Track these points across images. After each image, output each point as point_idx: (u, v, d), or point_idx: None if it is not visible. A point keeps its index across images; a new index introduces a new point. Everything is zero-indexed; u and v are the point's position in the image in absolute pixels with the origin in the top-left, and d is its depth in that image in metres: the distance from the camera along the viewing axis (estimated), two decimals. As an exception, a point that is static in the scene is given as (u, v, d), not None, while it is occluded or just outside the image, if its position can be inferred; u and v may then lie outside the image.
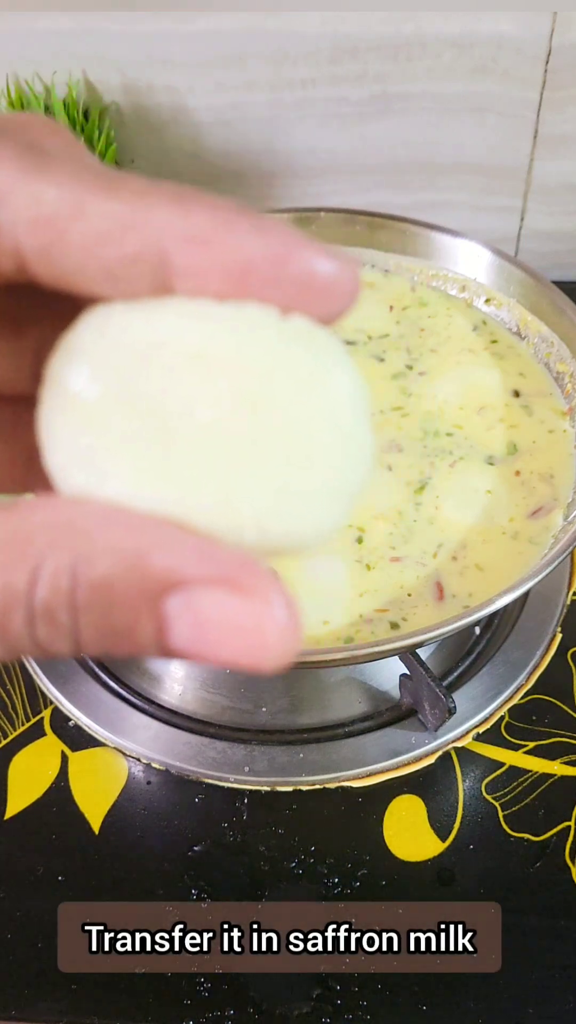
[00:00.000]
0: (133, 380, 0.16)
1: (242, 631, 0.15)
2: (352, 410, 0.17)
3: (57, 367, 0.17)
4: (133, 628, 0.15)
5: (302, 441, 0.16)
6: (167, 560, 0.15)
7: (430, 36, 0.66)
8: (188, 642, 0.15)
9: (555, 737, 0.50)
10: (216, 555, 0.15)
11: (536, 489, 0.51)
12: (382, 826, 0.47)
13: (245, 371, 0.16)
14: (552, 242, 0.77)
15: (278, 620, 0.15)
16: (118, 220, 0.15)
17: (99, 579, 0.15)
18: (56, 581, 0.15)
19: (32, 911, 0.45)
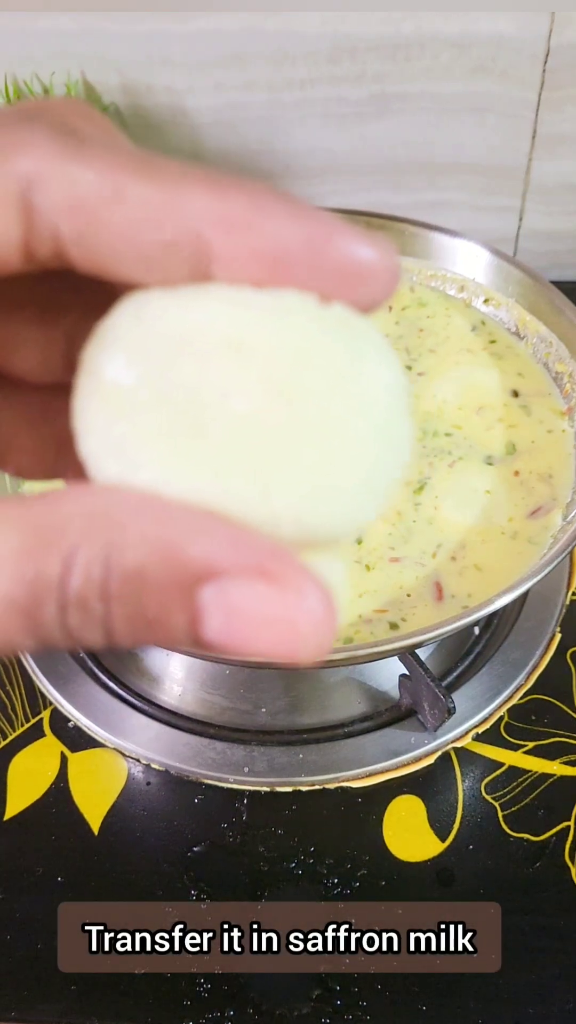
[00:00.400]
0: (168, 368, 0.16)
1: (276, 623, 0.15)
2: (390, 401, 0.16)
3: (92, 354, 0.17)
4: (166, 618, 0.15)
5: (339, 433, 0.16)
6: (201, 550, 0.15)
7: (429, 36, 0.66)
8: (221, 633, 0.15)
9: (554, 737, 0.50)
10: (250, 545, 0.15)
11: (535, 489, 0.51)
12: (382, 826, 0.47)
13: (282, 360, 0.16)
14: (551, 242, 0.77)
15: (312, 612, 0.15)
16: (156, 205, 0.15)
17: (132, 568, 0.15)
18: (89, 570, 0.15)
19: (31, 912, 0.45)
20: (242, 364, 0.16)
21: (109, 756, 0.50)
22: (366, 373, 0.16)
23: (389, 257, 0.16)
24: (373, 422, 0.16)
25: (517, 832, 0.47)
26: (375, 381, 0.16)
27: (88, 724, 0.51)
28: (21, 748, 0.50)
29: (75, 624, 0.15)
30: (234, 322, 0.16)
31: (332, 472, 0.16)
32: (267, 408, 0.15)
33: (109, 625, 0.15)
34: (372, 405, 0.16)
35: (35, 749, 0.50)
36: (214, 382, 0.16)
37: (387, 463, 0.16)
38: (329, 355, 0.16)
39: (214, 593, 0.15)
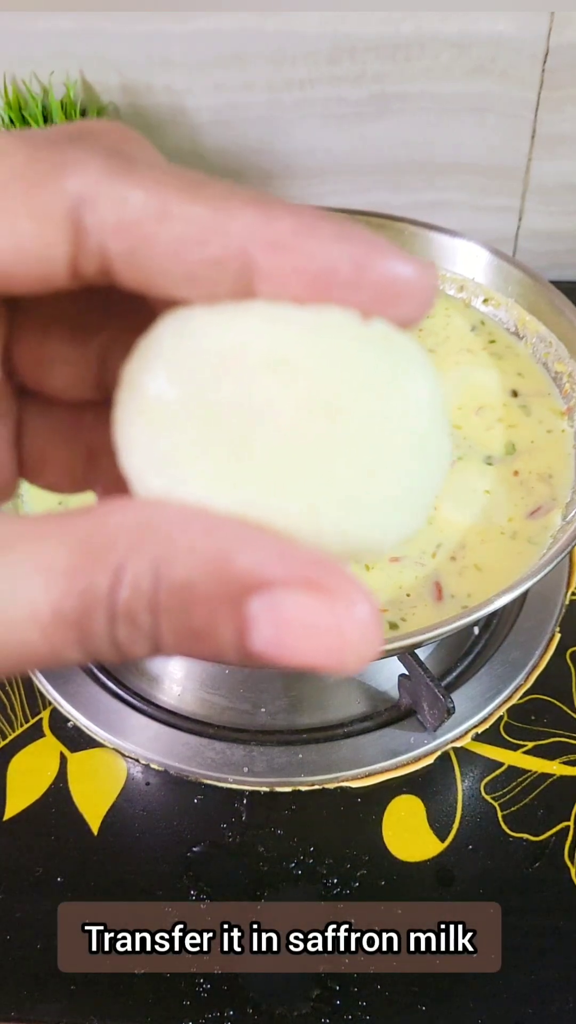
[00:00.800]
0: (212, 384, 0.16)
1: (324, 633, 0.15)
2: (431, 416, 0.17)
3: (134, 369, 0.17)
4: (214, 630, 0.15)
5: (381, 448, 0.16)
6: (249, 561, 0.15)
7: (428, 36, 0.66)
8: (269, 644, 0.15)
9: (554, 737, 0.50)
10: (298, 556, 0.15)
11: (535, 489, 0.51)
12: (381, 826, 0.47)
13: (324, 377, 0.16)
14: (550, 242, 0.77)
15: (360, 621, 0.15)
16: (203, 224, 0.15)
17: (181, 580, 0.15)
18: (138, 582, 0.15)
19: (31, 912, 0.45)
20: (285, 381, 0.16)
21: (108, 756, 0.50)
22: (406, 389, 0.16)
23: (429, 275, 0.16)
24: (414, 437, 0.16)
25: (517, 832, 0.47)
26: (415, 396, 0.16)
27: (87, 724, 0.51)
28: (20, 748, 0.50)
29: (124, 637, 0.15)
30: (276, 339, 0.16)
31: (375, 486, 0.16)
32: (310, 424, 0.16)
33: (157, 637, 0.15)
34: (413, 420, 0.16)
35: (34, 749, 0.50)
36: (257, 399, 0.16)
37: (428, 476, 0.17)
38: (370, 371, 0.16)
39: (263, 605, 0.15)
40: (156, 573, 0.15)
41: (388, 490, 0.16)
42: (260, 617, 0.15)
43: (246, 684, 0.52)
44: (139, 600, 0.15)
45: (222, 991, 0.42)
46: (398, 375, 0.16)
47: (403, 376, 0.16)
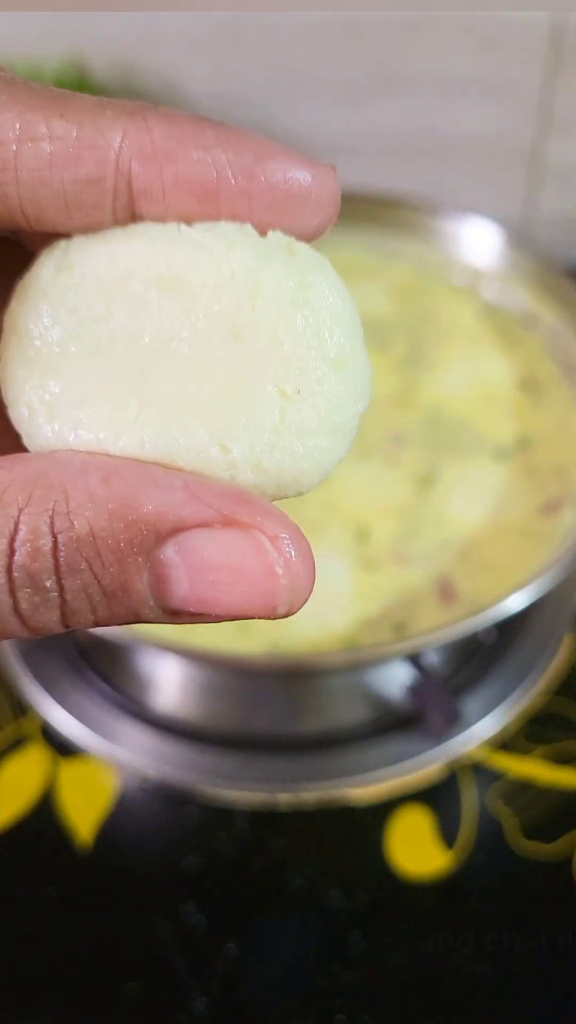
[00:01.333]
0: (100, 316, 0.15)
1: (248, 572, 0.14)
2: (344, 332, 0.15)
3: (14, 312, 0.16)
4: (127, 586, 0.14)
5: (292, 370, 0.15)
6: (156, 504, 0.14)
7: (434, 14, 0.65)
8: (189, 593, 0.14)
9: (565, 743, 0.48)
10: (211, 493, 0.14)
11: (547, 484, 0.49)
12: (386, 837, 0.46)
13: (224, 296, 0.14)
14: (560, 227, 0.76)
15: (286, 555, 0.14)
16: (72, 140, 0.14)
17: (83, 534, 0.13)
18: (36, 543, 0.13)
19: (19, 929, 0.43)
20: (182, 304, 0.15)
21: (101, 765, 0.48)
22: (314, 302, 0.15)
23: (328, 178, 0.15)
24: (328, 354, 0.15)
25: (527, 840, 0.45)
26: (325, 311, 0.15)
27: (79, 731, 0.49)
28: (7, 756, 0.49)
29: (27, 606, 0.14)
30: (169, 260, 0.15)
31: (291, 412, 0.15)
32: (212, 348, 0.15)
33: (65, 603, 0.14)
34: (325, 338, 0.15)
35: (22, 757, 0.49)
36: (152, 325, 0.15)
37: (348, 395, 0.15)
38: (273, 286, 0.15)
39: (177, 549, 0.13)
40: (54, 529, 0.13)
41: (306, 414, 0.15)
42: (175, 564, 0.13)
43: (245, 690, 0.50)
44: (39, 562, 0.13)
45: (220, 1008, 0.41)
46: (304, 288, 0.15)
47: (310, 289, 0.15)
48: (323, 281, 0.15)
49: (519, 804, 0.47)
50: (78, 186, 0.14)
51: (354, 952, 0.42)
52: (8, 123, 0.14)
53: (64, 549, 0.13)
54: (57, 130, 0.14)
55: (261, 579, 0.14)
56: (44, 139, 0.14)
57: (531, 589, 0.42)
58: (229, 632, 0.45)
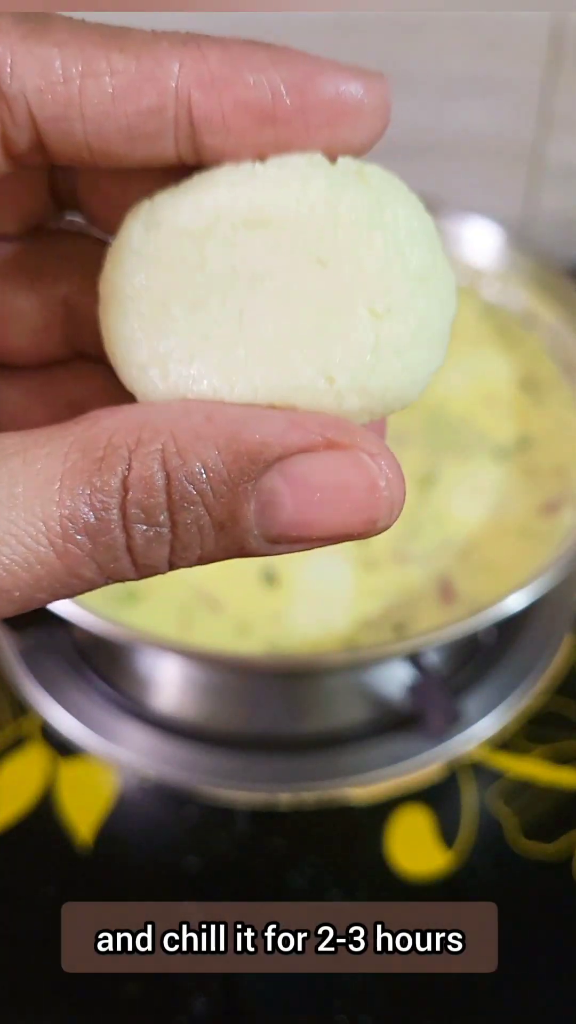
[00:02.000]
0: (195, 265, 0.15)
1: (351, 488, 0.14)
2: (423, 246, 0.16)
3: (110, 276, 0.16)
4: (236, 514, 0.14)
5: (380, 290, 0.15)
6: (258, 435, 0.14)
7: (434, 14, 0.64)
8: (294, 515, 0.14)
9: (565, 742, 0.48)
10: (306, 422, 0.14)
11: (547, 484, 0.49)
12: (386, 837, 0.46)
13: (306, 226, 0.15)
14: (560, 228, 0.76)
15: (385, 470, 0.15)
16: (132, 74, 0.15)
17: (194, 468, 0.14)
18: (150, 478, 0.14)
19: (19, 929, 0.43)
20: (269, 242, 0.15)
21: (101, 764, 0.48)
22: (392, 221, 0.15)
23: (378, 89, 0.15)
24: (411, 269, 0.15)
25: (527, 840, 0.45)
26: (404, 227, 0.16)
27: (79, 731, 0.49)
28: (7, 756, 0.49)
29: (141, 544, 0.14)
30: (251, 201, 0.15)
31: (386, 331, 0.15)
32: (305, 280, 0.15)
33: (177, 539, 0.14)
34: (408, 252, 0.15)
35: (22, 757, 0.49)
36: (246, 268, 0.15)
37: (438, 306, 0.16)
38: (350, 211, 0.15)
39: (282, 474, 0.14)
40: (167, 466, 0.14)
41: (399, 331, 0.15)
42: (281, 489, 0.14)
43: (245, 689, 0.50)
44: (154, 496, 0.14)
45: (218, 1009, 0.41)
46: (380, 209, 0.15)
47: (386, 209, 0.15)
48: (397, 200, 0.16)
49: (519, 804, 0.47)
50: (141, 117, 0.15)
51: (353, 952, 0.42)
52: (71, 60, 0.14)
53: (178, 484, 0.14)
54: (117, 64, 0.14)
55: (364, 494, 0.14)
56: (106, 74, 0.14)
57: (531, 589, 0.42)
58: (229, 632, 0.45)
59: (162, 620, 0.45)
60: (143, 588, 0.46)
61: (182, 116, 0.15)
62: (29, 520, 0.14)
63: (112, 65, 0.15)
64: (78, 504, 0.14)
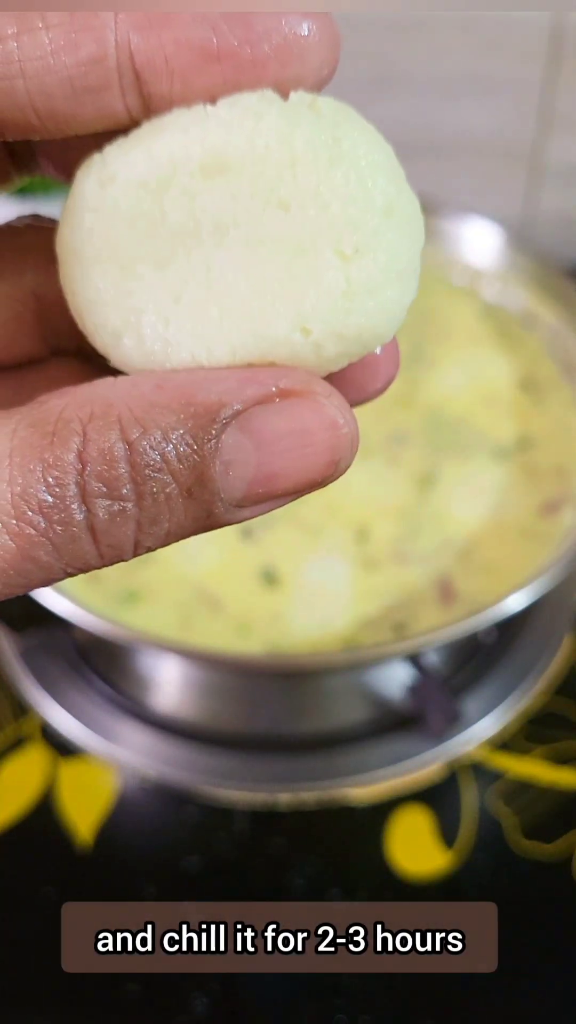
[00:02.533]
0: (155, 219, 0.15)
1: (312, 431, 0.14)
2: (385, 177, 0.15)
3: (66, 237, 0.15)
4: (203, 477, 0.14)
5: (345, 229, 0.15)
6: (213, 394, 0.14)
7: (434, 14, 0.64)
8: (260, 470, 0.14)
9: (565, 742, 0.48)
10: (258, 375, 0.14)
11: (547, 484, 0.49)
12: (386, 837, 0.45)
13: (265, 169, 0.15)
14: (560, 228, 0.76)
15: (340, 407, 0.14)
16: (67, 25, 0.14)
17: (155, 436, 0.14)
18: (110, 451, 0.13)
19: (19, 929, 0.43)
20: (229, 187, 0.15)
21: (101, 765, 0.48)
22: (350, 154, 0.15)
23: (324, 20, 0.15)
24: (376, 203, 0.15)
25: (527, 840, 0.45)
26: (363, 159, 0.15)
27: (79, 731, 0.49)
28: (7, 756, 0.49)
29: (104, 521, 0.14)
30: (204, 144, 0.15)
31: (357, 273, 0.15)
32: (269, 225, 0.15)
33: (142, 512, 0.14)
34: (368, 186, 0.15)
35: (23, 757, 0.49)
36: (208, 217, 0.15)
37: (405, 239, 0.15)
38: (307, 147, 0.15)
39: (242, 429, 0.14)
40: (126, 436, 0.14)
41: (370, 269, 0.15)
42: (242, 445, 0.14)
43: (244, 690, 0.50)
44: (115, 468, 0.13)
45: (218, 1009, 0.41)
46: (337, 143, 0.15)
47: (343, 141, 0.15)
48: (353, 132, 0.15)
49: (519, 804, 0.46)
50: (82, 68, 0.14)
51: (354, 952, 0.42)
52: (5, 21, 0.14)
53: (141, 452, 0.14)
54: (51, 19, 0.14)
55: (325, 435, 0.14)
56: (41, 29, 0.14)
57: (531, 589, 0.41)
58: (229, 632, 0.45)
59: (162, 620, 0.45)
60: (143, 588, 0.46)
61: (124, 63, 0.14)
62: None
63: (46, 20, 0.14)
64: (30, 481, 0.13)
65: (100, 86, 0.14)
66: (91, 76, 0.14)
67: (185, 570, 0.47)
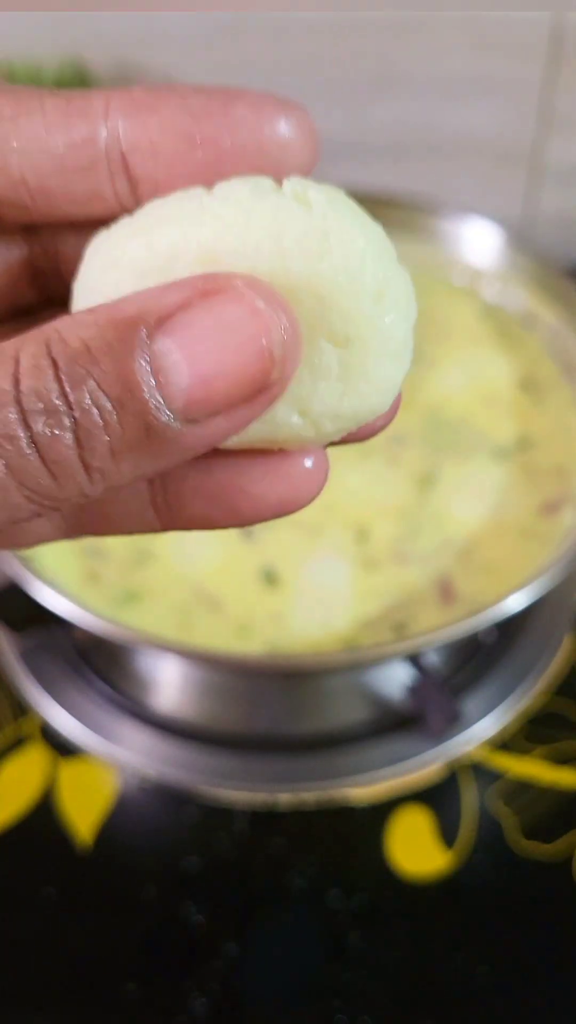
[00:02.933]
0: None
1: (234, 325, 0.14)
2: (375, 261, 0.16)
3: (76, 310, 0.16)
4: (130, 383, 0.14)
5: (338, 319, 0.15)
6: (136, 304, 0.14)
7: (434, 14, 0.64)
8: (193, 375, 0.14)
9: (565, 743, 0.48)
10: (180, 282, 0.15)
11: (547, 484, 0.49)
12: (386, 837, 0.45)
13: (257, 266, 0.15)
14: (560, 228, 0.76)
15: (264, 295, 0.14)
16: (63, 108, 0.15)
17: (77, 347, 0.14)
18: (38, 367, 0.14)
19: (19, 929, 0.43)
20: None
21: (101, 764, 0.48)
22: (338, 248, 0.15)
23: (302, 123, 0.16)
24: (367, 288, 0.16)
25: (527, 841, 0.45)
26: (351, 251, 0.16)
27: (78, 731, 0.49)
28: (7, 757, 0.49)
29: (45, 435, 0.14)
30: (200, 240, 0.15)
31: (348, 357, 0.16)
32: None
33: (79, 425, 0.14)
34: (357, 275, 0.15)
35: (22, 758, 0.49)
36: None
37: (398, 318, 0.16)
38: (298, 247, 0.15)
39: (166, 334, 0.14)
40: (52, 353, 0.14)
41: (363, 354, 0.16)
42: (170, 351, 0.14)
43: (244, 690, 0.50)
44: (42, 380, 0.14)
45: (219, 1009, 0.41)
46: (325, 237, 0.15)
47: (331, 236, 0.15)
48: (341, 223, 0.16)
49: (519, 804, 0.46)
50: (73, 148, 0.15)
51: (354, 952, 0.42)
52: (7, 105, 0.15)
53: (65, 364, 0.14)
54: (48, 104, 0.16)
55: (249, 323, 0.14)
56: (38, 111, 0.15)
57: (531, 589, 0.41)
58: (229, 632, 0.45)
59: (162, 620, 0.45)
60: (143, 588, 0.46)
61: (112, 144, 0.16)
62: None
63: (44, 104, 0.16)
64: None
65: (89, 165, 0.16)
66: (81, 156, 0.16)
67: (185, 570, 0.47)
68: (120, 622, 0.41)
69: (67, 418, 0.14)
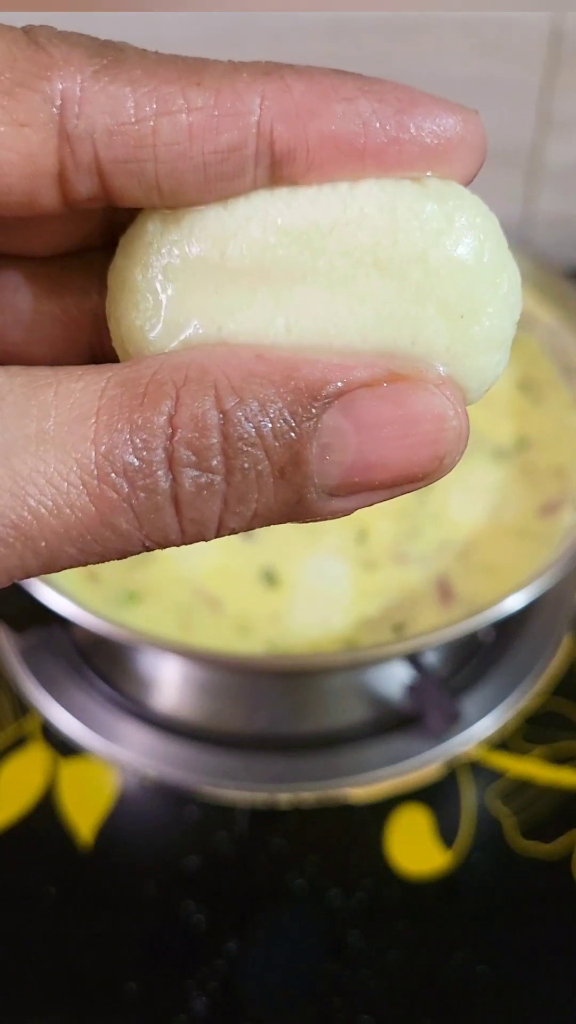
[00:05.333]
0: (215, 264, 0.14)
1: (416, 421, 0.13)
2: (495, 247, 0.15)
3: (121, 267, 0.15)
4: (299, 457, 0.13)
5: (452, 294, 0.15)
6: (315, 370, 0.13)
7: (434, 15, 0.64)
8: (358, 457, 0.13)
9: (564, 743, 0.48)
10: (365, 359, 0.14)
11: (545, 484, 0.49)
12: (386, 836, 0.46)
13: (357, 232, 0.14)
14: (559, 228, 0.76)
15: (451, 398, 0.14)
16: (210, 109, 0.13)
17: (251, 407, 0.13)
18: (202, 418, 0.13)
19: (19, 929, 0.43)
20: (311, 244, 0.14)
21: (101, 764, 0.48)
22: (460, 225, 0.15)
23: (474, 124, 0.14)
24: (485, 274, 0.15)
25: (526, 840, 0.45)
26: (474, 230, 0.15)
27: (79, 731, 0.49)
28: (8, 756, 0.49)
29: (190, 493, 0.13)
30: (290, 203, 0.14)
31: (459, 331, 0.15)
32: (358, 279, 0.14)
33: (231, 488, 0.13)
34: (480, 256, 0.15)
35: (23, 757, 0.49)
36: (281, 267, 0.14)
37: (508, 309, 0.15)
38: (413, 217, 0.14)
39: (343, 412, 0.13)
40: (221, 404, 0.13)
41: (472, 334, 0.15)
42: (342, 428, 0.13)
43: (245, 689, 0.50)
44: (206, 437, 0.13)
45: (220, 1007, 0.41)
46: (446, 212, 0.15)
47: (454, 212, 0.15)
48: (462, 201, 0.15)
49: (518, 804, 0.47)
50: (219, 156, 0.13)
51: (353, 951, 0.42)
52: (145, 99, 0.13)
53: (235, 423, 0.13)
54: (195, 100, 0.13)
55: (431, 426, 0.13)
56: (182, 111, 0.13)
57: (530, 589, 0.42)
58: (229, 632, 0.45)
59: (162, 620, 0.45)
60: (143, 588, 0.46)
61: (263, 151, 0.14)
62: (60, 458, 0.12)
63: (189, 101, 0.13)
64: (116, 442, 0.12)
65: (234, 172, 0.14)
66: (227, 164, 0.14)
67: (185, 570, 0.47)
68: (120, 622, 0.42)
69: (222, 480, 0.13)
